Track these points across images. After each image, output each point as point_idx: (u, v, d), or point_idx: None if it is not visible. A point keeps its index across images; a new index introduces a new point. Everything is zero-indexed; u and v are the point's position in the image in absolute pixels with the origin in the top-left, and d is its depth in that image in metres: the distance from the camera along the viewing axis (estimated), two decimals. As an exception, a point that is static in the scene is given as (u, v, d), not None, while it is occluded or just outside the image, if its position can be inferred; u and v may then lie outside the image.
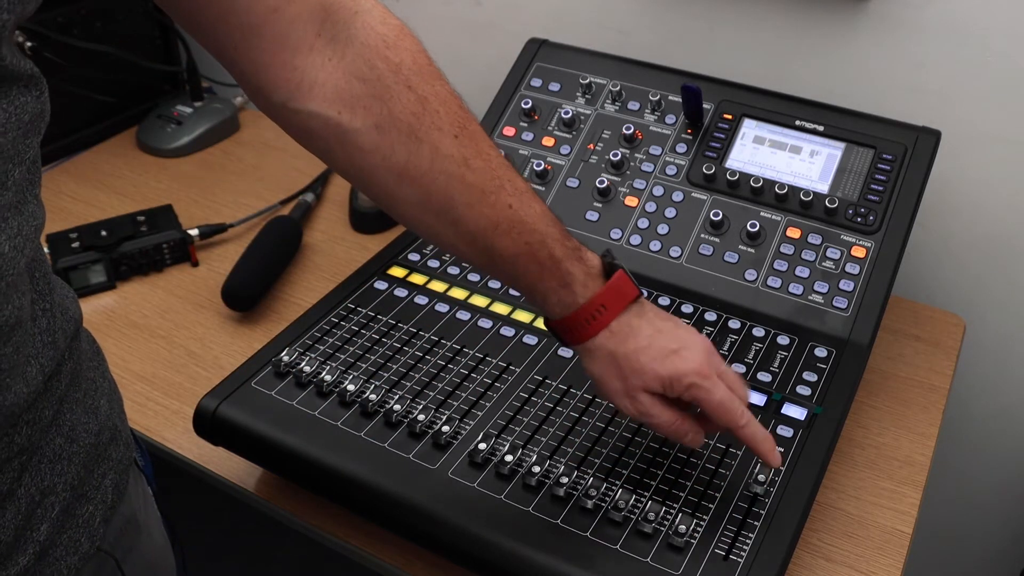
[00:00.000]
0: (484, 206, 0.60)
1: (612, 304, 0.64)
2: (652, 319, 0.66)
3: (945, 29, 1.02)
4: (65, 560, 0.57)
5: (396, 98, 0.57)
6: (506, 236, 0.61)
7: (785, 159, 0.97)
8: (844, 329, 0.87)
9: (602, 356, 0.65)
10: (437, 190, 0.59)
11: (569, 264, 0.63)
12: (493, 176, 0.60)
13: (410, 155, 0.58)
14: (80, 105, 1.34)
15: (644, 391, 0.65)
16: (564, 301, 0.64)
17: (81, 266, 1.05)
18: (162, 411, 0.91)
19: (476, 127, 0.60)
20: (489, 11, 1.30)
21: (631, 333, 0.64)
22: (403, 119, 0.57)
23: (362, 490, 0.72)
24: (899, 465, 0.87)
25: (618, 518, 0.69)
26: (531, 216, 0.62)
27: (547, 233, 0.62)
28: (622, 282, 0.65)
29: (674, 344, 0.65)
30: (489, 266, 0.64)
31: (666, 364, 0.64)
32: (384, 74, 0.57)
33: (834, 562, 0.77)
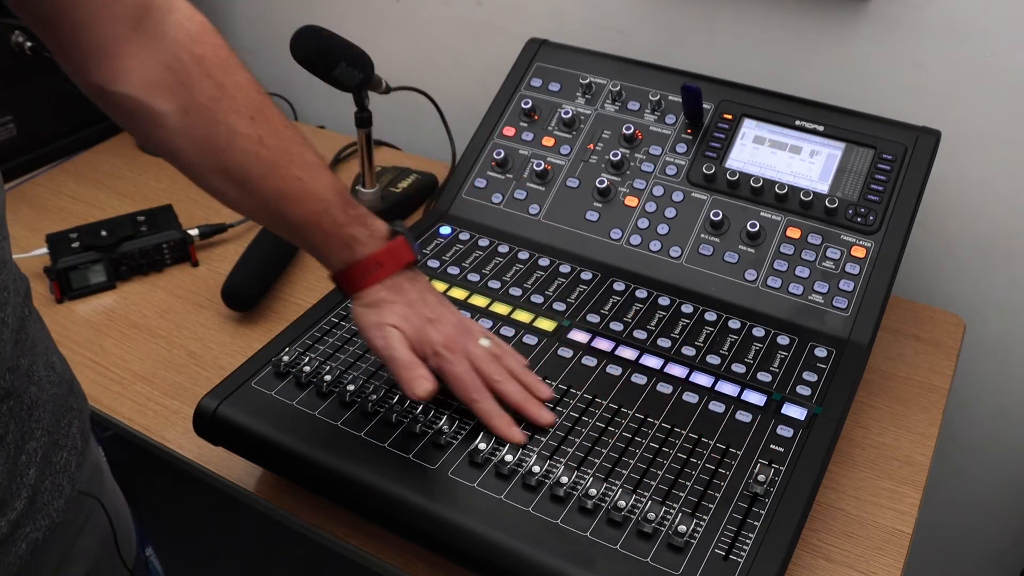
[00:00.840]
0: (276, 179, 0.69)
1: (387, 263, 0.74)
2: (422, 289, 0.76)
3: (945, 29, 1.02)
4: (53, 504, 0.65)
5: (198, 86, 0.66)
6: (295, 205, 0.70)
7: (785, 159, 0.97)
8: (844, 329, 0.87)
9: (370, 302, 0.74)
10: (234, 164, 0.68)
11: (351, 229, 0.73)
12: (285, 152, 0.69)
13: (210, 134, 0.67)
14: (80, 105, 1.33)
15: (394, 327, 0.73)
16: (344, 258, 0.74)
17: (81, 266, 1.05)
18: (162, 411, 0.91)
19: (272, 110, 0.70)
20: (489, 11, 1.30)
21: (399, 291, 0.74)
22: (204, 103, 0.66)
23: (362, 490, 0.72)
24: (899, 465, 0.87)
25: (618, 518, 0.69)
26: (319, 188, 0.71)
27: (332, 202, 0.71)
28: (400, 246, 0.75)
29: (432, 315, 0.75)
30: (282, 230, 0.74)
31: (422, 324, 0.74)
32: (188, 65, 0.65)
33: (834, 562, 0.77)
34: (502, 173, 1.04)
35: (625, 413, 0.78)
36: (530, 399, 0.76)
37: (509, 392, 0.76)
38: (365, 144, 1.14)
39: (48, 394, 0.65)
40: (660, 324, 0.88)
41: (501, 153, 1.04)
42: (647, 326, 0.88)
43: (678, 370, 0.83)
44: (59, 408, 0.67)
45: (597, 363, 0.83)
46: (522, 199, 1.02)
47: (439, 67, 1.38)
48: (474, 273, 0.94)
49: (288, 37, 0.98)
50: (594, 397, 0.79)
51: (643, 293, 0.92)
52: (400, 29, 1.40)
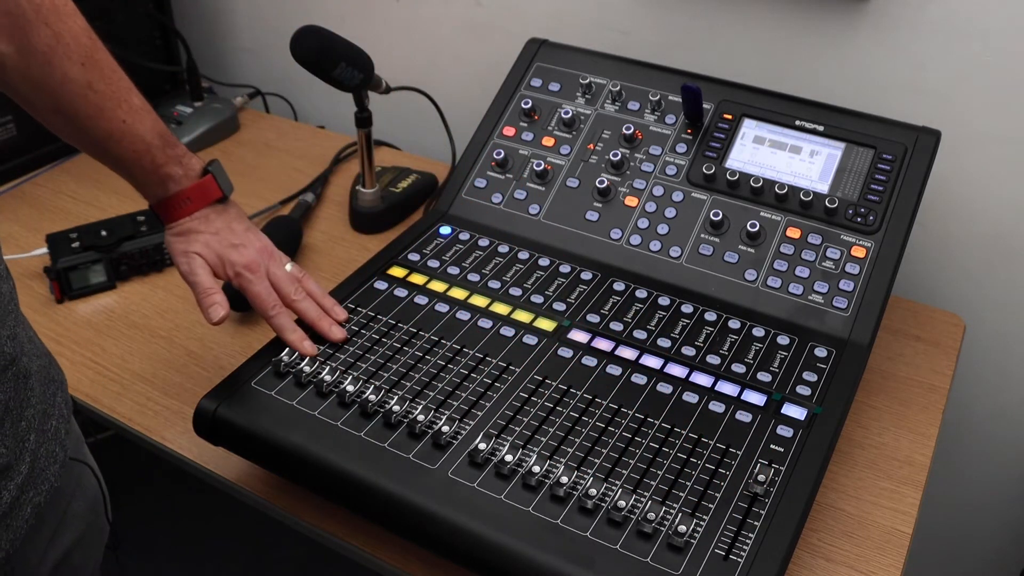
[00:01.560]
0: (102, 120, 0.77)
1: (196, 198, 0.83)
2: (229, 220, 0.85)
3: (945, 29, 1.02)
4: (50, 469, 0.68)
5: (35, 31, 0.71)
6: (118, 144, 0.78)
7: (785, 159, 0.97)
8: (844, 329, 0.87)
9: (178, 234, 0.83)
10: (66, 104, 0.75)
11: (168, 168, 0.82)
12: (113, 97, 0.77)
13: (44, 76, 0.73)
14: (80, 105, 1.34)
15: (198, 255, 0.83)
16: (159, 194, 0.83)
17: (81, 266, 1.05)
18: (162, 411, 0.91)
19: (103, 57, 0.76)
20: (489, 11, 1.30)
21: (206, 221, 0.84)
22: (40, 49, 0.71)
23: (362, 490, 0.72)
24: (899, 465, 0.87)
25: (618, 518, 0.69)
26: (141, 130, 0.79)
27: (152, 144, 0.80)
28: (207, 183, 0.84)
29: (236, 240, 0.84)
30: (109, 164, 0.81)
31: (225, 249, 0.83)
32: (27, 10, 0.70)
33: (834, 562, 0.77)
34: (502, 173, 1.04)
35: (625, 413, 0.78)
36: (324, 316, 0.85)
37: (305, 309, 0.85)
38: (365, 144, 1.14)
39: (36, 365, 0.69)
40: (660, 324, 0.88)
41: (501, 153, 1.04)
42: (647, 326, 0.88)
43: (678, 370, 0.83)
44: (45, 379, 0.70)
45: (597, 363, 0.83)
46: (522, 199, 1.02)
47: (439, 67, 1.38)
48: (474, 273, 0.94)
49: (288, 37, 0.98)
50: (594, 397, 0.79)
51: (643, 293, 0.92)
52: (400, 29, 1.40)
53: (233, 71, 1.64)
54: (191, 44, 1.43)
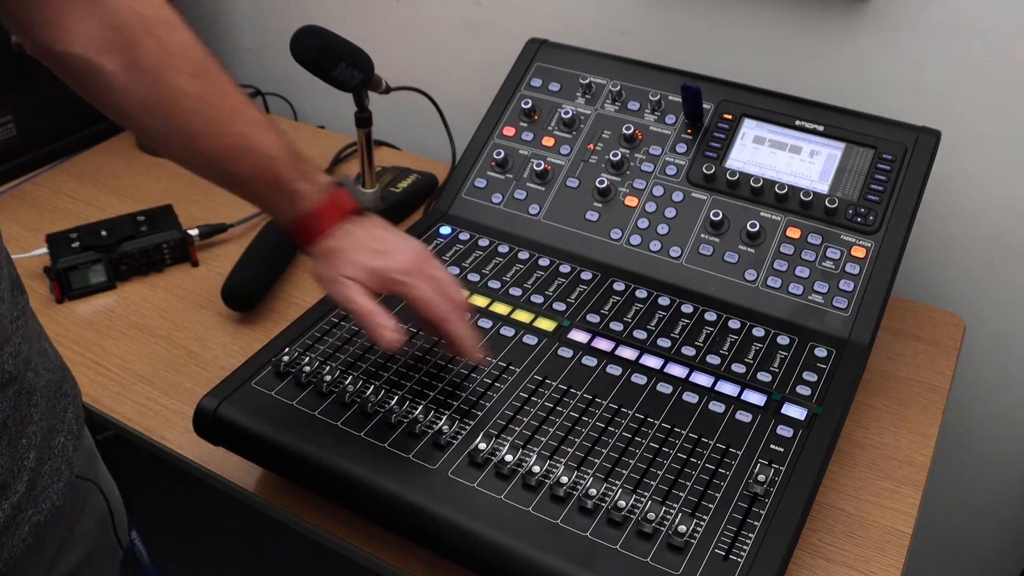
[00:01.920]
0: (220, 136, 0.71)
1: (332, 213, 0.76)
2: (369, 228, 0.77)
3: (945, 29, 1.02)
4: (53, 487, 0.66)
5: (142, 45, 0.67)
6: (239, 161, 0.72)
7: (785, 159, 0.97)
8: (844, 329, 0.87)
9: (323, 254, 0.76)
10: (178, 122, 0.70)
11: (296, 184, 0.74)
12: (229, 110, 0.71)
13: (155, 92, 0.68)
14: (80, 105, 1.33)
15: (350, 279, 0.74)
16: (291, 214, 0.76)
17: (81, 266, 1.05)
18: (162, 411, 0.91)
19: (215, 69, 0.71)
20: (489, 11, 1.30)
21: (346, 235, 0.76)
22: (148, 63, 0.67)
23: (362, 490, 0.72)
24: (899, 465, 0.87)
25: (618, 518, 0.69)
26: (263, 144, 0.72)
27: (276, 158, 0.73)
28: (341, 196, 0.77)
29: (385, 247, 0.76)
30: (229, 186, 0.75)
31: (374, 259, 0.74)
32: (132, 24, 0.67)
33: (834, 562, 0.77)
34: (502, 173, 1.04)
35: (625, 413, 0.78)
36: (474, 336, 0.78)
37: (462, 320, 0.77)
38: (365, 144, 1.14)
39: (44, 380, 0.66)
40: (660, 324, 0.88)
41: (501, 153, 1.04)
42: (647, 326, 0.88)
43: (678, 370, 0.83)
44: (54, 393, 0.68)
45: (597, 363, 0.83)
46: (522, 199, 1.02)
47: (439, 67, 1.38)
48: (474, 273, 0.94)
49: (288, 37, 0.98)
50: (594, 397, 0.79)
51: (643, 293, 0.92)
52: (400, 29, 1.40)
53: (233, 71, 1.63)
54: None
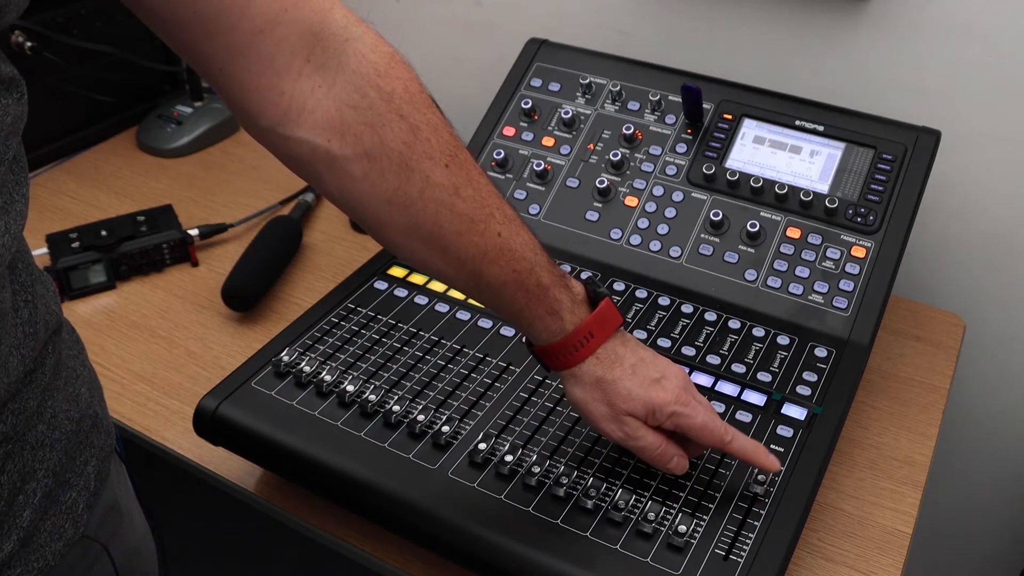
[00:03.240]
0: (473, 234, 0.61)
1: (599, 332, 0.66)
2: (635, 348, 0.68)
3: (945, 29, 1.02)
4: (50, 547, 0.58)
5: (387, 126, 0.57)
6: (494, 264, 0.62)
7: (785, 159, 0.97)
8: (844, 329, 0.87)
9: (589, 382, 0.66)
10: (426, 218, 0.59)
11: (557, 291, 0.64)
12: (483, 204, 0.61)
13: (400, 183, 0.58)
14: (80, 105, 1.34)
15: (629, 415, 0.66)
16: (551, 328, 0.65)
17: (81, 266, 1.05)
18: (162, 411, 0.91)
19: (466, 155, 0.61)
20: (489, 11, 1.30)
21: (616, 361, 0.66)
22: (394, 147, 0.57)
23: (362, 490, 0.72)
24: (899, 465, 0.87)
25: (618, 518, 0.69)
26: (520, 244, 0.63)
27: (535, 261, 0.63)
28: (608, 310, 0.67)
29: (656, 373, 0.67)
30: (477, 292, 0.64)
31: (650, 391, 0.66)
32: (375, 102, 0.57)
33: (834, 562, 0.77)
34: (502, 173, 1.04)
35: (625, 413, 0.78)
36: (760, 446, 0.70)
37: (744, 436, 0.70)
38: (365, 144, 1.14)
39: (62, 431, 0.59)
40: (660, 324, 0.88)
41: (501, 153, 1.04)
42: (647, 326, 0.88)
43: (678, 370, 0.83)
44: (75, 446, 0.60)
45: (597, 363, 0.83)
46: (522, 199, 1.02)
47: (439, 67, 1.38)
48: (474, 273, 0.94)
49: (288, 37, 0.98)
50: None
51: (643, 293, 0.92)
52: (400, 29, 1.40)
53: (233, 71, 1.63)
54: (191, 44, 1.42)
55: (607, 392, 0.66)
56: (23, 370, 0.55)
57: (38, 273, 0.59)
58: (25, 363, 0.55)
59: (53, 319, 0.59)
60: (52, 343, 0.59)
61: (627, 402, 0.66)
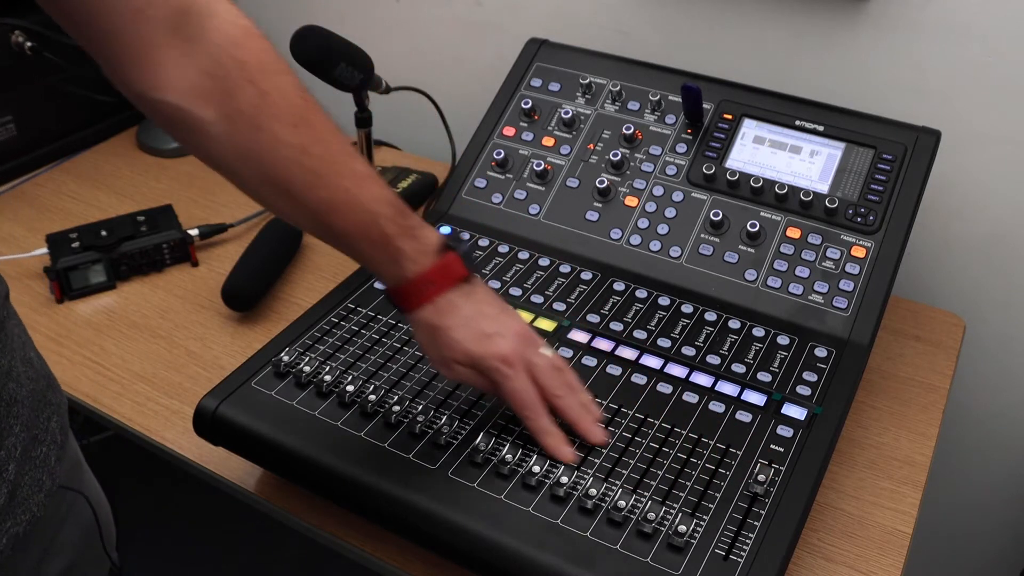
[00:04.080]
0: (321, 188, 0.67)
1: (440, 281, 0.71)
2: (478, 301, 0.73)
3: (945, 29, 1.02)
4: (33, 498, 0.65)
5: (240, 92, 0.64)
6: (341, 216, 0.68)
7: (785, 159, 0.97)
8: (844, 329, 0.87)
9: (423, 327, 0.73)
10: (277, 173, 0.66)
11: (400, 242, 0.70)
12: (332, 162, 0.67)
13: (252, 142, 0.65)
14: (80, 105, 1.34)
15: (456, 363, 0.72)
16: (394, 275, 0.71)
17: (81, 266, 1.05)
18: (162, 411, 0.91)
19: (318, 117, 0.67)
20: (489, 11, 1.30)
21: (451, 310, 0.72)
22: (245, 110, 0.64)
23: (362, 490, 0.72)
24: (899, 465, 0.87)
25: (618, 518, 0.69)
26: (367, 199, 0.68)
27: (380, 213, 0.69)
28: (452, 262, 0.72)
29: (490, 328, 0.72)
30: (328, 240, 0.71)
31: (476, 344, 0.72)
32: (231, 70, 0.63)
33: (834, 562, 0.77)
34: (502, 173, 1.04)
35: (625, 413, 0.78)
36: (585, 414, 0.75)
37: (567, 407, 0.74)
38: (365, 144, 1.14)
39: (27, 389, 0.65)
40: (660, 324, 0.88)
41: (501, 153, 1.04)
42: (647, 326, 0.88)
43: (678, 370, 0.83)
44: (37, 403, 0.67)
45: (597, 363, 0.83)
46: (522, 199, 1.02)
47: (439, 67, 1.38)
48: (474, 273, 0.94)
49: (288, 37, 0.98)
50: (594, 397, 0.79)
51: (643, 293, 0.92)
52: (400, 29, 1.40)
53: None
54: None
55: (437, 339, 0.72)
56: None
57: None
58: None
59: (3, 287, 0.66)
60: (5, 307, 0.66)
61: (452, 351, 0.72)
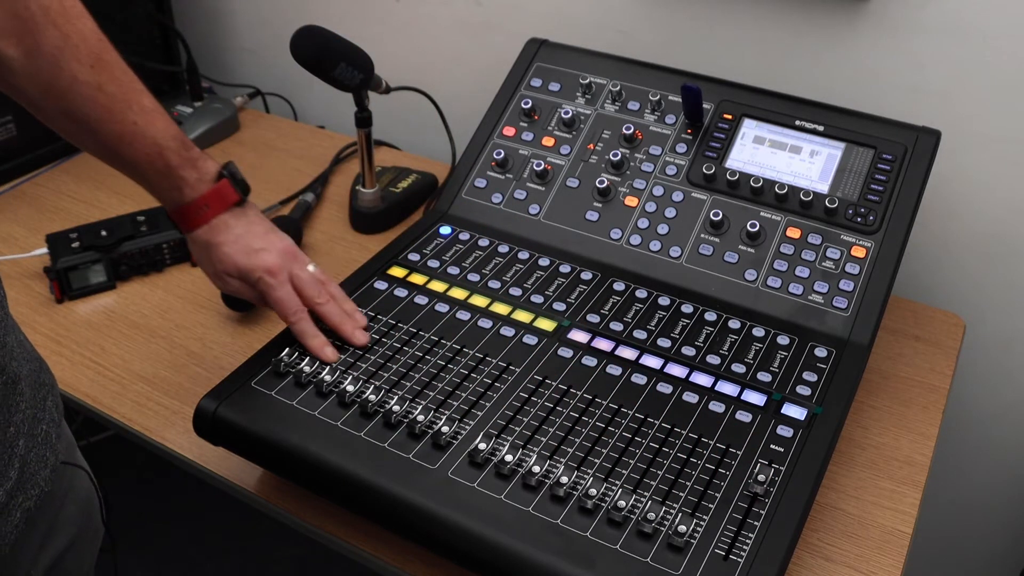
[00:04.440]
0: (113, 123, 0.76)
1: (214, 204, 0.82)
2: (249, 222, 0.84)
3: (945, 29, 1.02)
4: (40, 474, 0.67)
5: (43, 33, 0.70)
6: (129, 147, 0.77)
7: (785, 159, 0.97)
8: (844, 329, 0.87)
9: (199, 245, 0.83)
10: (75, 107, 0.74)
11: (182, 170, 0.80)
12: (123, 99, 0.76)
13: (53, 78, 0.72)
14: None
15: (227, 275, 0.83)
16: (175, 199, 0.82)
17: (81, 266, 1.05)
18: (162, 411, 0.91)
19: (113, 57, 0.75)
20: (489, 11, 1.30)
21: (224, 229, 0.83)
22: (48, 51, 0.71)
23: (362, 490, 0.72)
24: (899, 465, 0.87)
25: (618, 518, 0.69)
26: (154, 132, 0.78)
27: (164, 145, 0.78)
28: (224, 188, 0.82)
29: (257, 244, 0.83)
30: (121, 170, 0.80)
31: (244, 258, 0.82)
32: (35, 13, 0.70)
33: (834, 562, 0.77)
34: (502, 173, 1.04)
35: (625, 413, 0.78)
36: (347, 320, 0.84)
37: (327, 313, 0.83)
38: (365, 144, 1.14)
39: (26, 369, 0.68)
40: (660, 324, 0.88)
41: (501, 153, 1.04)
42: (647, 326, 0.88)
43: (678, 370, 0.83)
44: (35, 383, 0.70)
45: (597, 363, 0.83)
46: (522, 199, 1.02)
47: (439, 67, 1.38)
48: (474, 273, 0.94)
49: (288, 37, 0.98)
50: (594, 397, 0.79)
51: (643, 293, 0.92)
52: (400, 29, 1.40)
53: (233, 71, 1.64)
54: (191, 44, 1.43)
55: (210, 254, 0.83)
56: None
57: None
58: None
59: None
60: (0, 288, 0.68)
61: (223, 264, 0.83)
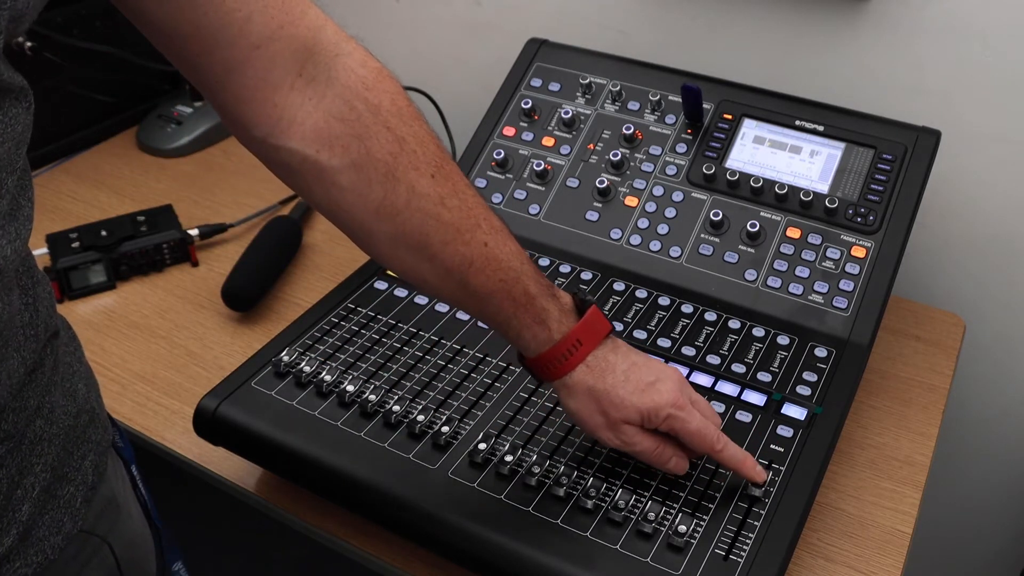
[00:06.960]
0: (459, 244, 0.62)
1: (587, 339, 0.66)
2: (626, 353, 0.68)
3: (945, 29, 1.02)
4: (48, 540, 0.59)
5: (374, 138, 0.59)
6: (481, 273, 0.63)
7: (785, 159, 0.97)
8: (844, 329, 0.87)
9: (581, 391, 0.67)
10: (413, 228, 0.61)
11: (544, 301, 0.65)
12: (469, 215, 0.62)
13: (387, 193, 0.60)
14: (80, 105, 1.34)
15: (625, 423, 0.67)
16: (539, 337, 0.65)
17: (81, 266, 1.05)
18: (162, 411, 0.91)
19: (452, 167, 0.62)
20: (489, 11, 1.30)
21: (608, 368, 0.67)
22: (380, 158, 0.59)
23: (362, 490, 0.72)
24: (899, 465, 0.87)
25: (618, 518, 0.69)
26: (506, 254, 0.64)
27: (522, 271, 0.64)
28: (596, 317, 0.67)
29: (650, 377, 0.67)
30: (465, 302, 0.65)
31: (644, 397, 0.66)
32: (363, 115, 0.59)
33: (834, 562, 0.77)
34: (502, 173, 1.04)
35: (625, 413, 0.78)
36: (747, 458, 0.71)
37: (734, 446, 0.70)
38: (365, 144, 1.14)
39: (59, 427, 0.60)
40: (660, 324, 0.88)
41: (501, 153, 1.04)
42: (647, 326, 0.88)
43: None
44: (72, 440, 0.62)
45: (597, 363, 0.83)
46: (522, 199, 1.02)
47: (439, 67, 1.38)
48: (474, 273, 0.94)
49: (288, 37, 0.98)
50: (594, 397, 0.79)
51: (643, 293, 0.92)
52: (400, 29, 1.40)
53: (233, 71, 1.63)
54: (191, 44, 1.43)
55: (601, 401, 0.66)
56: (24, 372, 0.56)
57: (40, 276, 0.61)
58: (26, 365, 0.56)
59: (52, 321, 0.61)
60: (51, 344, 0.60)
61: (621, 410, 0.66)
